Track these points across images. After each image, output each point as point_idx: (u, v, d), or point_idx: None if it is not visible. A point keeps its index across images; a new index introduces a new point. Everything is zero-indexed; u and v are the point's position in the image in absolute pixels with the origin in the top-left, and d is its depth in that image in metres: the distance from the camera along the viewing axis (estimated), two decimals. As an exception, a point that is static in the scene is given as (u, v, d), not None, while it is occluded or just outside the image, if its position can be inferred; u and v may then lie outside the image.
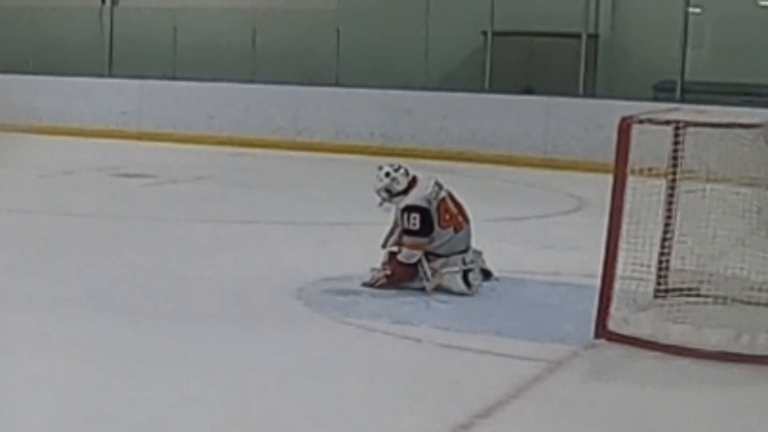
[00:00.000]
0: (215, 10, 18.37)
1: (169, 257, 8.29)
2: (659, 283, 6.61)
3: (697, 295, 6.55)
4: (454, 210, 7.37)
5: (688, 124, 6.27)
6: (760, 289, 6.43)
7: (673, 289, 6.62)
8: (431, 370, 5.73)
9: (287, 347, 5.98)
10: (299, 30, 17.49)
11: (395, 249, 7.34)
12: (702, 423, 5.08)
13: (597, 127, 13.83)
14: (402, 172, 7.43)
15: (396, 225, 7.44)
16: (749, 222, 6.52)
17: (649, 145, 6.18)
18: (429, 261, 7.21)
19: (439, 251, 7.24)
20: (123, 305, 6.77)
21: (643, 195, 6.25)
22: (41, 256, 8.18)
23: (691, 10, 15.20)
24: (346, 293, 7.13)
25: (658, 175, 6.42)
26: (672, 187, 6.58)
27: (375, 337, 6.25)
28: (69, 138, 16.93)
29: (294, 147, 16.25)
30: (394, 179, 7.38)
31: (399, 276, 7.24)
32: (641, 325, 6.11)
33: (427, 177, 7.55)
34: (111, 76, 18.36)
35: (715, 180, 6.49)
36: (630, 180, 6.10)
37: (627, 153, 6.04)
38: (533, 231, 10.01)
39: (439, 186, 7.41)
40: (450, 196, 7.43)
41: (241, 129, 16.73)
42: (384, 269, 7.26)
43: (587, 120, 14.59)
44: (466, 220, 7.42)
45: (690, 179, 6.57)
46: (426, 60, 16.54)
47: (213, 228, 9.72)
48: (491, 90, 16.02)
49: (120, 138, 16.99)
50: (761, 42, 15.38)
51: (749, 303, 6.44)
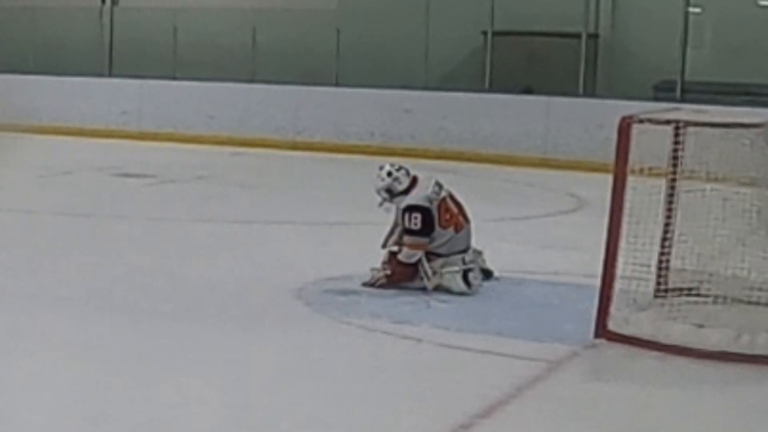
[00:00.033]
0: (215, 10, 18.35)
1: (169, 257, 8.29)
2: (659, 283, 6.60)
3: (698, 295, 6.54)
4: (454, 210, 7.38)
5: (688, 123, 6.26)
6: (760, 289, 6.42)
7: (674, 289, 6.61)
8: (431, 370, 5.73)
9: (287, 347, 5.98)
10: (299, 30, 17.47)
11: (395, 249, 7.34)
12: (702, 423, 5.08)
13: (597, 127, 13.81)
14: (403, 172, 7.43)
15: (396, 225, 7.44)
16: (749, 222, 6.51)
17: (649, 145, 6.18)
18: (429, 261, 7.21)
19: (440, 251, 7.24)
20: (123, 305, 6.77)
21: (643, 195, 6.25)
22: (41, 256, 8.18)
23: (691, 10, 15.19)
24: (346, 293, 7.13)
25: (658, 175, 6.41)
26: (672, 187, 6.57)
27: (375, 337, 6.25)
28: (69, 138, 16.93)
29: (294, 147, 16.24)
30: (395, 179, 7.38)
31: (399, 276, 7.24)
32: (641, 325, 6.11)
33: (428, 177, 7.55)
34: (111, 76, 18.35)
35: (716, 180, 6.48)
36: (630, 180, 6.10)
37: (627, 153, 6.04)
38: (533, 231, 10.01)
39: (440, 186, 7.41)
40: (450, 196, 7.44)
41: (241, 129, 16.72)
42: (384, 269, 7.26)
43: (587, 120, 14.58)
44: (466, 219, 7.43)
45: (690, 179, 6.56)
46: (426, 60, 16.53)
47: (213, 228, 9.72)
48: (491, 90, 16.00)
49: (120, 138, 16.98)
50: (761, 42, 15.36)
51: (749, 303, 6.44)
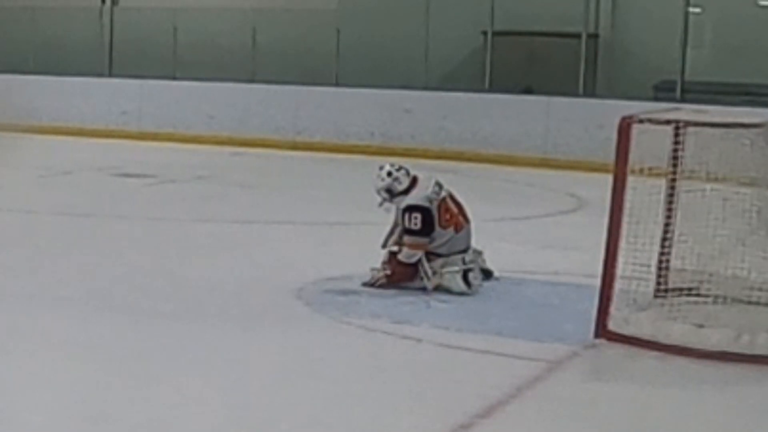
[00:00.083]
0: (215, 10, 18.35)
1: (169, 257, 8.29)
2: (659, 283, 6.60)
3: (698, 295, 6.53)
4: (454, 210, 7.38)
5: (688, 123, 6.26)
6: (760, 289, 6.42)
7: (674, 289, 6.61)
8: (431, 370, 5.72)
9: (287, 347, 5.98)
10: (299, 30, 17.47)
11: (395, 249, 7.34)
12: (702, 423, 5.08)
13: (597, 127, 13.81)
14: (403, 172, 7.43)
15: (396, 225, 7.44)
16: (749, 222, 6.51)
17: (649, 145, 6.18)
18: (429, 261, 7.21)
19: (440, 251, 7.24)
20: (123, 305, 6.77)
21: (643, 195, 6.25)
22: (41, 256, 8.18)
23: (691, 10, 15.19)
24: (346, 293, 7.13)
25: (658, 175, 6.41)
26: (672, 187, 6.57)
27: (375, 337, 6.25)
28: (69, 138, 16.92)
29: (294, 147, 16.24)
30: (396, 179, 7.38)
31: (399, 276, 7.23)
32: (641, 325, 6.11)
33: (428, 177, 7.55)
34: (111, 76, 18.35)
35: (716, 180, 6.48)
36: (630, 180, 6.10)
37: (627, 153, 6.04)
38: (533, 231, 10.01)
39: (440, 186, 7.41)
40: (450, 196, 7.44)
41: (241, 129, 16.72)
42: (384, 269, 7.26)
43: (587, 120, 14.58)
44: (466, 219, 7.43)
45: (690, 179, 6.56)
46: (426, 60, 16.53)
47: (213, 228, 9.72)
48: (491, 90, 16.00)
49: (120, 138, 16.98)
50: (761, 42, 15.36)
51: (749, 303, 6.44)
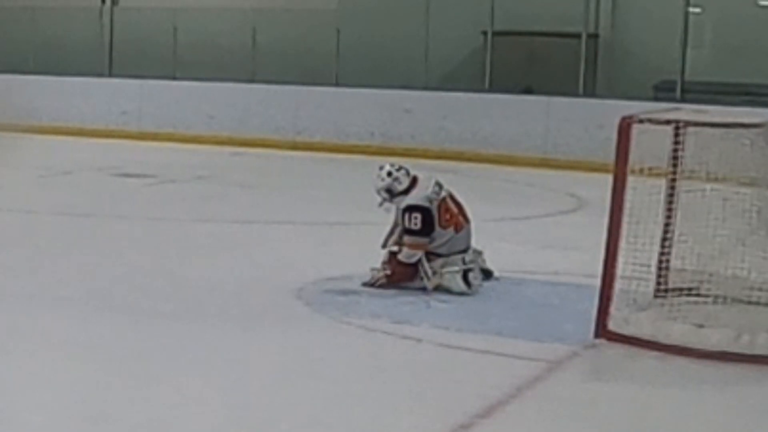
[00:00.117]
0: (215, 10, 18.35)
1: (169, 257, 8.29)
2: (659, 283, 6.60)
3: (698, 295, 6.53)
4: (454, 210, 7.38)
5: (688, 123, 6.26)
6: (760, 289, 6.42)
7: (674, 289, 6.61)
8: (431, 370, 5.72)
9: (287, 347, 5.98)
10: (299, 30, 17.47)
11: (395, 249, 7.34)
12: (702, 423, 5.08)
13: (597, 127, 13.81)
14: (403, 172, 7.43)
15: (396, 225, 7.44)
16: (749, 222, 6.51)
17: (649, 145, 6.17)
18: (429, 261, 7.21)
19: (440, 251, 7.24)
20: (123, 305, 6.76)
21: (643, 195, 6.25)
22: (41, 256, 8.18)
23: (691, 10, 15.19)
24: (346, 293, 7.13)
25: (658, 175, 6.41)
26: (672, 187, 6.57)
27: (375, 337, 6.25)
28: (69, 138, 16.92)
29: (294, 147, 16.24)
30: (396, 179, 7.38)
31: (399, 276, 7.23)
32: (641, 325, 6.11)
33: (428, 177, 7.55)
34: (111, 76, 18.35)
35: (716, 180, 6.48)
36: (630, 180, 6.10)
37: (627, 153, 6.04)
38: (533, 231, 10.01)
39: (440, 186, 7.41)
40: (450, 196, 7.44)
41: (241, 129, 16.72)
42: (384, 269, 7.26)
43: (587, 120, 14.58)
44: (466, 219, 7.43)
45: (690, 179, 6.56)
46: (426, 60, 16.53)
47: (213, 228, 9.72)
48: (491, 90, 16.00)
49: (120, 138, 16.98)
50: (761, 42, 15.36)
51: (749, 303, 6.44)
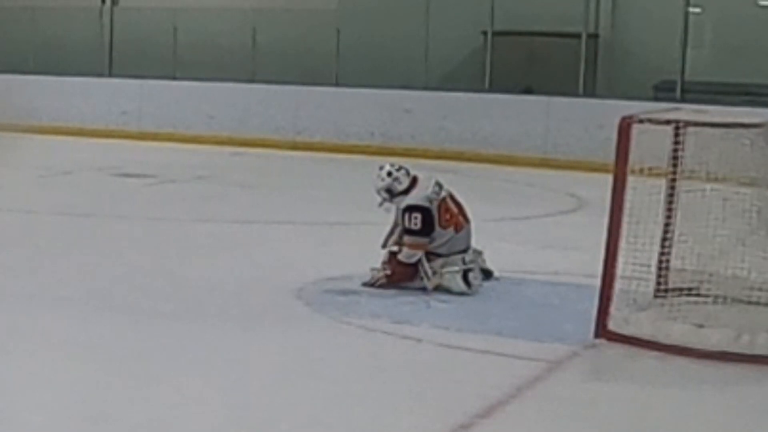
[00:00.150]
0: (215, 10, 18.35)
1: (169, 257, 8.29)
2: (659, 283, 6.60)
3: (698, 295, 6.54)
4: (454, 210, 7.38)
5: (688, 123, 6.26)
6: (760, 289, 6.42)
7: (674, 289, 6.61)
8: (431, 370, 5.72)
9: (287, 347, 5.98)
10: (299, 30, 17.47)
11: (395, 249, 7.34)
12: (702, 423, 5.08)
13: (597, 127, 13.81)
14: (403, 172, 7.43)
15: (396, 225, 7.44)
16: (749, 222, 6.51)
17: (649, 145, 6.17)
18: (429, 261, 7.21)
19: (440, 251, 7.24)
20: (123, 305, 6.76)
21: (643, 195, 6.25)
22: (41, 256, 8.18)
23: (691, 10, 15.19)
24: (346, 293, 7.13)
25: (658, 175, 6.41)
26: (672, 187, 6.57)
27: (375, 337, 6.25)
28: (69, 138, 16.92)
29: (294, 147, 16.24)
30: (396, 179, 7.38)
31: (399, 276, 7.23)
32: (641, 325, 6.11)
33: (428, 177, 7.55)
34: (111, 76, 18.35)
35: (716, 180, 6.49)
36: (630, 180, 6.10)
37: (627, 153, 6.04)
38: (533, 231, 10.01)
39: (440, 186, 7.41)
40: (450, 196, 7.44)
41: (241, 129, 16.72)
42: (384, 269, 7.26)
43: (587, 120, 14.58)
44: (466, 219, 7.43)
45: (690, 179, 6.56)
46: (426, 60, 16.53)
47: (213, 228, 9.72)
48: (491, 90, 16.00)
49: (120, 138, 16.98)
50: (761, 42, 15.36)
51: (749, 303, 6.44)
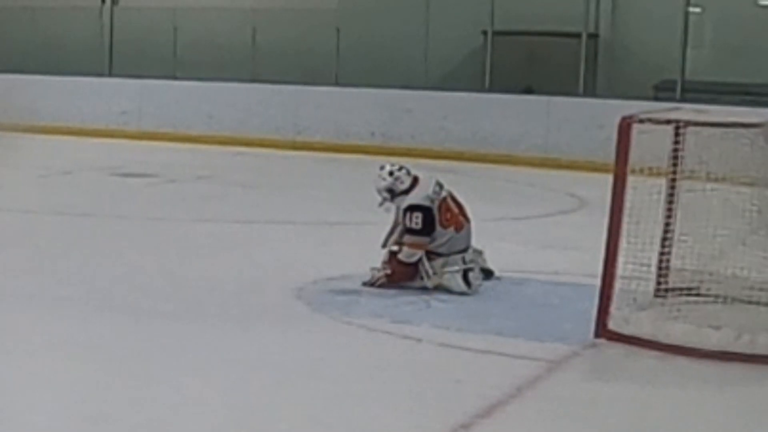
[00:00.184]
0: (215, 10, 18.35)
1: (169, 257, 8.29)
2: (659, 283, 6.61)
3: (698, 295, 6.54)
4: (455, 209, 7.38)
5: (688, 123, 6.26)
6: (760, 289, 6.42)
7: (674, 289, 6.62)
8: (431, 370, 5.72)
9: (287, 347, 5.98)
10: (299, 30, 17.47)
11: (395, 248, 7.34)
12: (702, 423, 5.08)
13: (597, 127, 13.80)
14: (404, 171, 7.43)
15: (396, 224, 7.44)
16: (750, 221, 6.52)
17: (650, 145, 6.18)
18: (429, 260, 7.21)
19: (440, 250, 7.24)
20: (123, 305, 6.76)
21: (644, 194, 6.25)
22: (41, 256, 8.17)
23: (691, 9, 15.19)
24: (346, 293, 7.13)
25: (658, 175, 6.41)
26: (672, 187, 6.57)
27: (375, 337, 6.25)
28: (69, 138, 16.91)
29: (294, 147, 16.24)
30: (397, 178, 7.38)
31: (399, 275, 7.23)
32: (641, 325, 6.10)
33: (428, 177, 7.55)
34: (111, 76, 18.35)
35: (716, 179, 6.49)
36: (630, 179, 6.10)
37: (627, 152, 6.04)
38: (533, 231, 10.00)
39: (440, 186, 7.41)
40: (451, 195, 7.44)
41: (241, 129, 16.71)
42: (384, 269, 7.26)
43: (587, 120, 14.57)
44: (466, 219, 7.43)
45: (690, 179, 6.56)
46: (426, 60, 16.53)
47: (213, 228, 9.72)
48: (491, 90, 16.00)
49: (120, 138, 16.97)
50: (761, 42, 15.36)
51: (750, 302, 6.44)
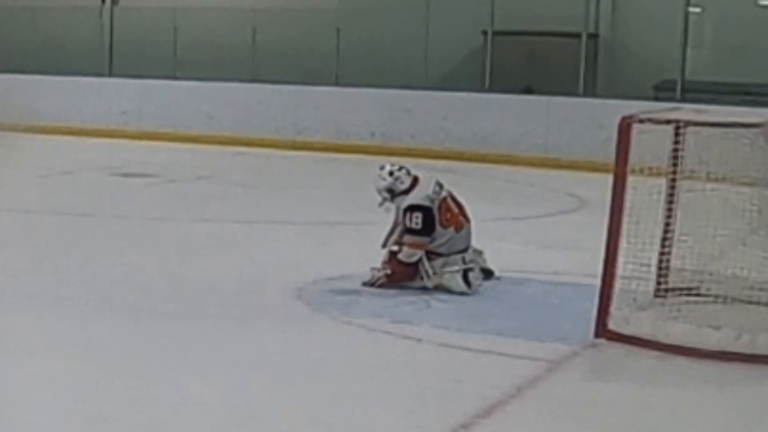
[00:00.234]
0: (215, 10, 18.35)
1: (169, 257, 8.29)
2: (659, 283, 6.61)
3: (698, 295, 6.54)
4: (455, 209, 7.38)
5: (688, 123, 6.26)
6: (760, 289, 6.42)
7: (674, 289, 6.62)
8: (431, 370, 5.72)
9: (287, 347, 5.98)
10: (299, 30, 17.47)
11: (395, 248, 7.34)
12: (702, 423, 5.08)
13: (597, 127, 13.80)
14: (404, 171, 7.43)
15: (396, 224, 7.44)
16: (749, 221, 6.52)
17: (650, 145, 6.18)
18: (429, 260, 7.21)
19: (440, 250, 7.24)
20: (123, 305, 6.76)
21: (643, 195, 6.25)
22: (41, 256, 8.17)
23: (691, 9, 15.19)
24: (346, 293, 7.13)
25: (658, 175, 6.41)
26: (672, 187, 6.58)
27: (375, 337, 6.25)
28: (69, 138, 16.91)
29: (294, 147, 16.24)
30: (397, 178, 7.38)
31: (399, 275, 7.23)
32: (641, 325, 6.11)
33: (428, 177, 7.55)
34: (111, 76, 18.35)
35: (716, 179, 6.49)
36: (630, 179, 6.10)
37: (627, 152, 6.04)
38: (533, 231, 10.00)
39: (440, 186, 7.41)
40: (451, 195, 7.44)
41: (241, 129, 16.71)
42: (384, 269, 7.26)
43: (587, 120, 14.57)
44: (466, 219, 7.43)
45: (690, 179, 6.56)
46: (426, 60, 16.53)
47: (213, 228, 9.72)
48: (491, 90, 16.00)
49: (120, 138, 16.97)
50: (761, 42, 15.36)
51: (750, 302, 6.44)
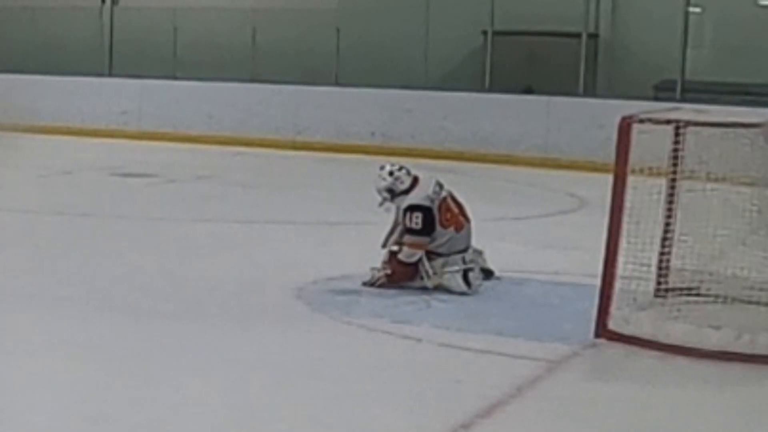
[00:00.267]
0: (215, 10, 18.35)
1: (169, 257, 8.29)
2: (659, 283, 6.61)
3: (698, 295, 6.54)
4: (455, 209, 7.38)
5: (688, 123, 6.26)
6: (760, 289, 6.42)
7: (674, 289, 6.62)
8: (431, 370, 5.72)
9: (287, 347, 5.98)
10: (299, 30, 17.47)
11: (395, 248, 7.34)
12: (702, 423, 5.08)
13: (597, 127, 13.80)
14: (404, 171, 7.43)
15: (396, 224, 7.44)
16: (750, 221, 6.52)
17: (650, 145, 6.18)
18: (429, 260, 7.21)
19: (440, 250, 7.24)
20: (123, 305, 6.76)
21: (644, 194, 6.25)
22: (41, 256, 8.17)
23: (691, 9, 15.19)
24: (346, 293, 7.13)
25: (658, 175, 6.41)
26: (672, 187, 6.58)
27: (375, 337, 6.25)
28: (69, 138, 16.91)
29: (294, 147, 16.24)
30: (397, 178, 7.38)
31: (399, 275, 7.23)
32: (641, 325, 6.11)
33: (428, 177, 7.56)
34: (111, 76, 18.35)
35: (716, 179, 6.49)
36: (630, 179, 6.10)
37: (627, 152, 6.04)
38: (533, 231, 10.00)
39: (440, 186, 7.41)
40: (451, 195, 7.44)
41: (241, 129, 16.71)
42: (384, 268, 7.26)
43: (587, 120, 14.57)
44: (466, 219, 7.43)
45: (690, 179, 6.57)
46: (426, 60, 16.53)
47: (213, 228, 9.72)
48: (491, 90, 16.00)
49: (120, 138, 16.98)
50: (761, 42, 15.36)
51: (750, 302, 6.44)
